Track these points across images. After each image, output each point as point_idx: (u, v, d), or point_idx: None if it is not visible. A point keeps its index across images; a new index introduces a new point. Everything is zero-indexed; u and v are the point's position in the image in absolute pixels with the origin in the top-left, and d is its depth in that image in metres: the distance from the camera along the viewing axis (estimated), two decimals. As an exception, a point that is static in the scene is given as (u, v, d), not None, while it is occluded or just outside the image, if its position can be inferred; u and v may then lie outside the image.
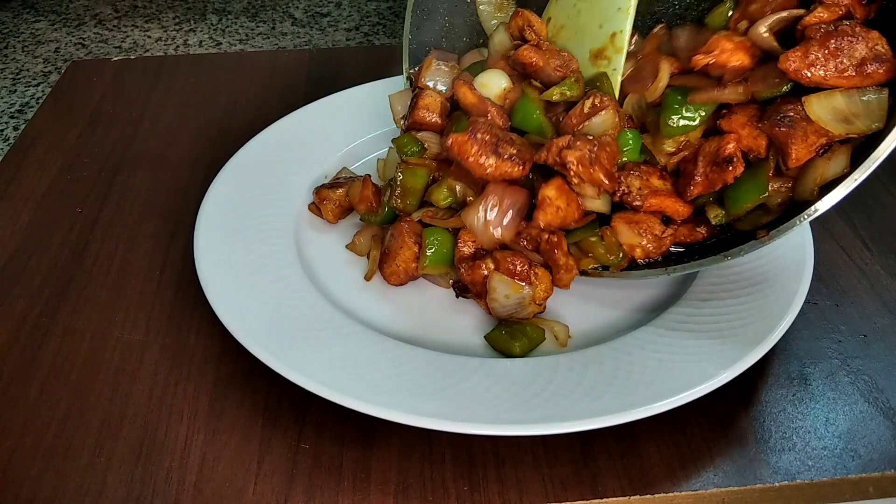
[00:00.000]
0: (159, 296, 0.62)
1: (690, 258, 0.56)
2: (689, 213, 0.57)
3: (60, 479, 0.49)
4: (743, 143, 0.53)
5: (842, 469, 0.49)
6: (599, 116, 0.56)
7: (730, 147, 0.53)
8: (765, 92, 0.53)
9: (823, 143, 0.50)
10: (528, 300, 0.56)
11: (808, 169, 0.51)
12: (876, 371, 0.56)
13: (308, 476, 0.49)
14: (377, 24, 1.32)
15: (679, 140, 0.57)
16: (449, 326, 0.58)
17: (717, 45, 0.54)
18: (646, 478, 0.48)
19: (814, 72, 0.49)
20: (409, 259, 0.60)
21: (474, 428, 0.47)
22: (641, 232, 0.57)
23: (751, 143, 0.53)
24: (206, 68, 0.96)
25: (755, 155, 0.54)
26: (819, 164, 0.50)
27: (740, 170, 0.53)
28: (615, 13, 0.59)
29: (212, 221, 0.64)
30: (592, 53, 0.60)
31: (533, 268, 0.56)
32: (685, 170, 0.56)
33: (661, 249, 0.57)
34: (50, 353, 0.57)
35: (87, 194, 0.74)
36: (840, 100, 0.49)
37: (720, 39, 0.54)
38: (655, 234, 0.57)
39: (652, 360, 0.52)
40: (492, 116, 0.59)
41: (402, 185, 0.62)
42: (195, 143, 0.81)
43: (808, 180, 0.51)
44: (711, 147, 0.54)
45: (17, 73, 1.19)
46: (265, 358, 0.51)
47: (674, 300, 0.59)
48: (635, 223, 0.57)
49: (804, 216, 0.50)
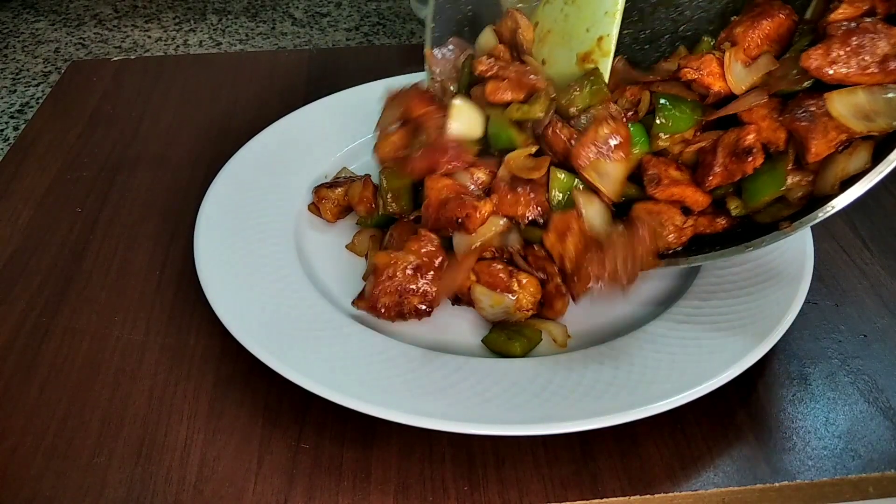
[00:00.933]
0: (159, 296, 0.62)
1: (712, 249, 0.56)
2: (707, 202, 0.56)
3: (60, 479, 0.49)
4: (762, 135, 0.53)
5: (842, 469, 0.49)
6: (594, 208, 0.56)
7: (749, 138, 0.53)
8: (786, 88, 0.53)
9: (843, 139, 0.50)
10: (513, 308, 0.56)
11: (829, 164, 0.51)
12: (876, 371, 0.56)
13: (308, 476, 0.49)
14: (377, 24, 1.32)
15: (676, 139, 0.57)
16: (449, 327, 0.58)
17: (707, 65, 0.55)
18: (646, 478, 0.48)
19: (836, 69, 0.49)
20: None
21: (474, 428, 0.47)
22: (662, 222, 0.57)
23: (770, 136, 0.53)
24: (206, 68, 0.96)
25: (775, 148, 0.53)
26: (840, 159, 0.50)
27: (760, 160, 0.53)
28: (602, 17, 0.59)
29: (212, 221, 0.64)
30: (579, 57, 0.60)
31: (515, 276, 0.56)
32: (704, 160, 0.56)
33: (682, 240, 0.57)
34: (50, 353, 0.57)
35: (87, 194, 0.74)
36: (862, 97, 0.49)
37: (712, 61, 0.55)
38: (676, 224, 0.56)
39: (652, 360, 0.52)
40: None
41: (390, 189, 0.62)
42: (195, 143, 0.81)
43: (829, 175, 0.51)
44: (731, 138, 0.54)
45: (17, 73, 1.19)
46: (265, 358, 0.51)
47: (674, 299, 0.59)
48: (656, 213, 0.57)
49: (828, 208, 0.50)
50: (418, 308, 0.56)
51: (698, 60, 0.55)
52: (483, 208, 0.56)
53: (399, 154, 0.62)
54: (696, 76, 0.55)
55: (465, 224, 0.56)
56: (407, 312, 0.56)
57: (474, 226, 0.56)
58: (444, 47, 0.68)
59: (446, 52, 0.67)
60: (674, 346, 0.53)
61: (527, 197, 0.57)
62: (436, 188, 0.58)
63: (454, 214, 0.56)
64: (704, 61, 0.55)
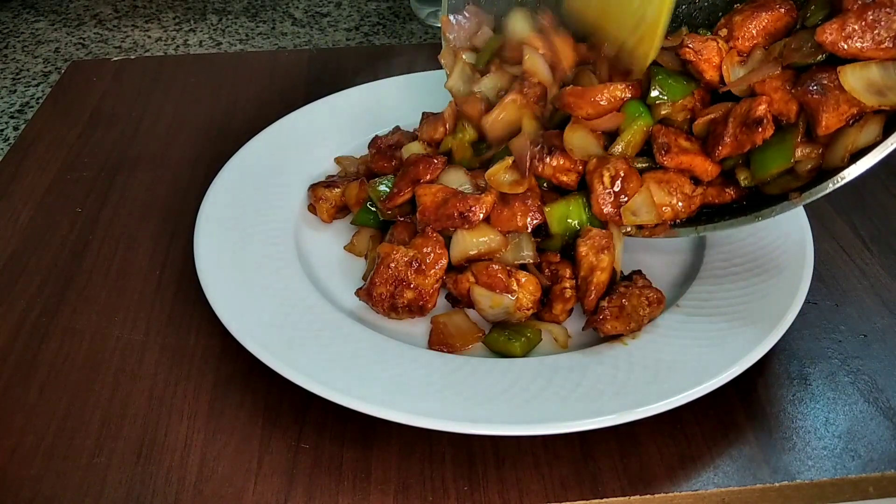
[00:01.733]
0: (159, 296, 0.62)
1: (721, 219, 0.56)
2: (717, 172, 0.57)
3: (60, 479, 0.49)
4: (774, 106, 0.53)
5: (842, 469, 0.49)
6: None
7: (761, 108, 0.53)
8: (799, 61, 0.53)
9: (854, 112, 0.50)
10: (512, 308, 0.56)
11: (839, 136, 0.51)
12: (876, 371, 0.56)
13: (308, 476, 0.49)
14: (377, 24, 1.32)
15: (677, 107, 0.58)
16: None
17: (708, 51, 0.55)
18: (646, 478, 0.48)
19: (850, 44, 0.49)
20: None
21: (474, 428, 0.47)
22: (672, 191, 0.57)
23: (782, 108, 0.53)
24: (206, 68, 0.96)
25: (786, 119, 0.54)
26: (850, 132, 0.51)
27: (770, 132, 0.53)
28: None
29: (212, 221, 0.64)
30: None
31: (514, 275, 0.56)
32: (715, 130, 0.56)
33: (691, 209, 0.58)
34: (50, 353, 0.57)
35: (87, 194, 0.74)
36: (875, 71, 0.49)
37: (713, 48, 0.55)
38: (685, 192, 0.57)
39: (651, 360, 0.52)
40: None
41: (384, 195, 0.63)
42: (195, 143, 0.81)
43: (839, 147, 0.51)
44: (743, 108, 0.54)
45: (17, 73, 1.19)
46: (265, 358, 0.51)
47: (674, 299, 0.59)
48: (665, 182, 0.57)
49: (838, 179, 0.50)
50: (411, 304, 0.56)
51: (702, 43, 0.55)
52: (485, 200, 0.57)
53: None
54: (694, 59, 0.56)
55: (468, 217, 0.56)
56: (400, 306, 0.56)
57: (477, 218, 0.57)
58: (459, 14, 0.67)
59: (461, 20, 0.67)
60: (674, 346, 0.53)
61: (522, 206, 0.58)
62: (429, 193, 0.58)
63: (456, 209, 0.57)
64: (707, 46, 0.55)
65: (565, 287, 0.56)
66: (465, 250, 0.57)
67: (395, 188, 0.61)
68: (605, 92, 0.58)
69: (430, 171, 0.61)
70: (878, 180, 0.75)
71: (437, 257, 0.57)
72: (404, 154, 0.66)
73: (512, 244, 0.58)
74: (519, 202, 0.58)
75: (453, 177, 0.61)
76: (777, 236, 0.61)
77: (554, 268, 0.57)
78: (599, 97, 0.58)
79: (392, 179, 0.64)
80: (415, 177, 0.61)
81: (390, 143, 0.68)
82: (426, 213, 0.58)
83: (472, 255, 0.57)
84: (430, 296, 0.56)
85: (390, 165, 0.67)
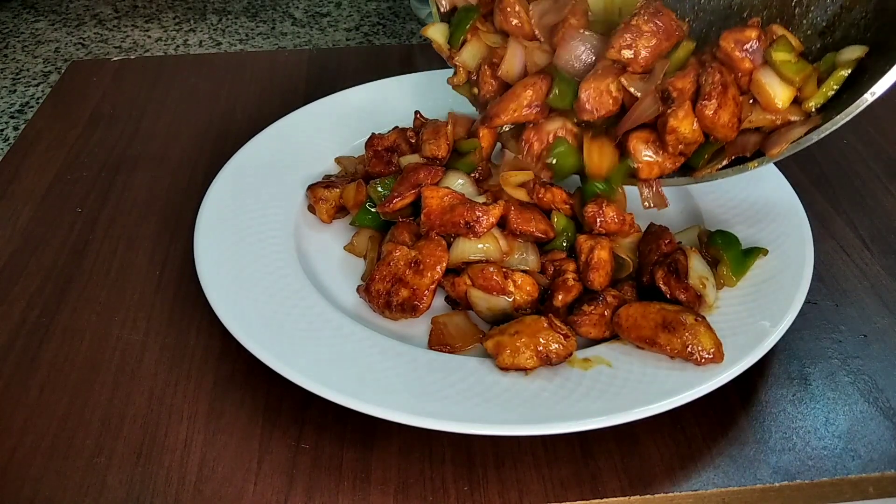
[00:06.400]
0: (159, 296, 0.62)
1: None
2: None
3: (60, 479, 0.49)
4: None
5: (842, 469, 0.49)
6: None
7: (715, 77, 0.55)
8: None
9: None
10: (510, 309, 0.56)
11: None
12: (876, 371, 0.56)
13: (308, 476, 0.49)
14: (377, 24, 1.32)
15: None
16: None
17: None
18: (646, 478, 0.48)
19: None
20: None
21: (474, 428, 0.47)
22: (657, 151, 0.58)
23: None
24: (206, 68, 0.96)
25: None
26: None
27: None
28: None
29: (212, 221, 0.64)
30: None
31: (510, 277, 0.56)
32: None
33: (676, 165, 0.59)
34: (50, 353, 0.57)
35: (87, 194, 0.74)
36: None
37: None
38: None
39: (652, 360, 0.52)
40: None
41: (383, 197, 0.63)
42: (195, 143, 0.81)
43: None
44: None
45: (17, 73, 1.19)
46: (265, 358, 0.51)
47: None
48: (652, 142, 0.57)
49: (821, 131, 0.54)
50: (405, 303, 0.56)
51: (682, 79, 0.55)
52: (493, 212, 0.57)
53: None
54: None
55: (473, 227, 0.56)
56: (394, 304, 0.56)
57: (483, 229, 0.57)
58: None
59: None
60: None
61: (538, 215, 0.59)
62: (436, 196, 0.58)
63: (463, 218, 0.57)
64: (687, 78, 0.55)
65: (567, 277, 0.56)
66: (464, 255, 0.57)
67: (395, 192, 0.61)
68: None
69: (430, 177, 0.61)
70: (879, 180, 0.75)
71: (436, 260, 0.57)
72: (402, 164, 0.66)
73: (517, 252, 0.58)
74: (536, 211, 0.59)
75: (453, 178, 0.61)
76: (777, 236, 0.61)
77: (558, 264, 0.58)
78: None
79: (392, 180, 0.63)
80: (416, 182, 0.61)
81: (387, 146, 0.68)
82: (431, 217, 0.58)
83: (470, 261, 0.57)
84: (424, 296, 0.56)
85: (387, 170, 0.67)
